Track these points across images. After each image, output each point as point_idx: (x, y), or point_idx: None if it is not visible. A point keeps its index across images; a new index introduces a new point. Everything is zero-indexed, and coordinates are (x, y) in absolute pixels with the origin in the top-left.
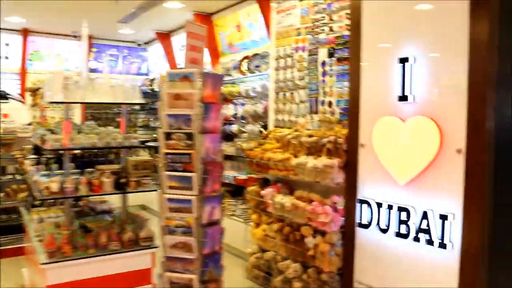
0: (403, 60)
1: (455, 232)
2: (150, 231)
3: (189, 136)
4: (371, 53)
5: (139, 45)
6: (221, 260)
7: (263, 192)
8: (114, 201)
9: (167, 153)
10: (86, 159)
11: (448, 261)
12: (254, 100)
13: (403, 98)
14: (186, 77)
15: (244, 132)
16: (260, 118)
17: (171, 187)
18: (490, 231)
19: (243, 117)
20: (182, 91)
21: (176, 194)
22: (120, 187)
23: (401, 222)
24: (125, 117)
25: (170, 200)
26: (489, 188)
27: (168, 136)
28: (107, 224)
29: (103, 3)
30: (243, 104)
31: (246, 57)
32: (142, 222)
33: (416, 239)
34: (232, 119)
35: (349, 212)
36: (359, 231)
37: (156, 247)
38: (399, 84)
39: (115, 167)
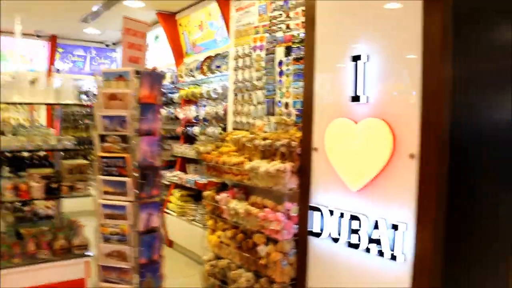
0: (356, 58)
1: (407, 243)
2: (85, 238)
3: (124, 138)
4: (326, 51)
5: (107, 45)
6: (160, 270)
7: (218, 197)
8: (66, 204)
9: (102, 157)
10: (29, 162)
11: (399, 273)
12: (216, 101)
13: (356, 98)
14: (121, 77)
15: (205, 134)
16: (222, 120)
17: (106, 193)
18: (444, 242)
19: (205, 119)
20: (116, 91)
21: (111, 200)
22: (51, 192)
23: (352, 231)
24: (60, 118)
25: (105, 206)
26: (443, 196)
27: (103, 138)
28: (38, 231)
29: (63, 2)
30: (205, 106)
31: (208, 57)
32: (76, 229)
33: (368, 249)
34: (194, 121)
35: (302, 220)
36: (312, 239)
37: (89, 256)
38: (352, 83)
39: (47, 171)
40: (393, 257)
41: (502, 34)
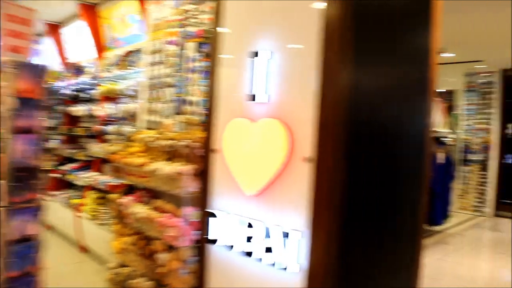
0: (255, 55)
1: (301, 252)
2: None
3: None
4: (232, 47)
5: None
6: (36, 283)
7: (121, 201)
8: None
9: None
10: None
11: (291, 284)
12: (132, 99)
13: (254, 97)
14: None
15: (119, 133)
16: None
17: None
18: (338, 251)
19: (122, 117)
20: None
21: None
22: None
23: (248, 238)
24: None
25: None
26: (338, 203)
27: None
28: None
29: None
30: (123, 103)
31: (127, 52)
32: None
33: (260, 258)
34: (112, 119)
35: (202, 226)
36: (212, 247)
37: None
38: (250, 81)
39: None
40: (285, 267)
41: (412, 39)
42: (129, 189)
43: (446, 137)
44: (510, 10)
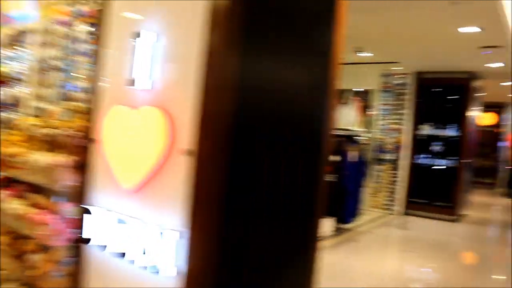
0: (136, 36)
1: (177, 253)
2: None
3: None
4: (118, 29)
5: None
6: None
7: None
8: None
9: None
10: None
11: None
12: (20, 83)
13: (134, 82)
14: None
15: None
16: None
17: None
18: (220, 253)
19: (12, 103)
20: None
21: None
22: None
23: (121, 238)
24: None
25: None
26: (220, 200)
27: None
28: None
29: None
30: (11, 88)
31: (18, 32)
32: None
33: (133, 260)
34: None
35: (78, 224)
36: (89, 246)
37: None
38: (130, 65)
39: None
40: (158, 270)
41: (312, 36)
42: (9, 183)
43: (359, 136)
44: (425, 15)
